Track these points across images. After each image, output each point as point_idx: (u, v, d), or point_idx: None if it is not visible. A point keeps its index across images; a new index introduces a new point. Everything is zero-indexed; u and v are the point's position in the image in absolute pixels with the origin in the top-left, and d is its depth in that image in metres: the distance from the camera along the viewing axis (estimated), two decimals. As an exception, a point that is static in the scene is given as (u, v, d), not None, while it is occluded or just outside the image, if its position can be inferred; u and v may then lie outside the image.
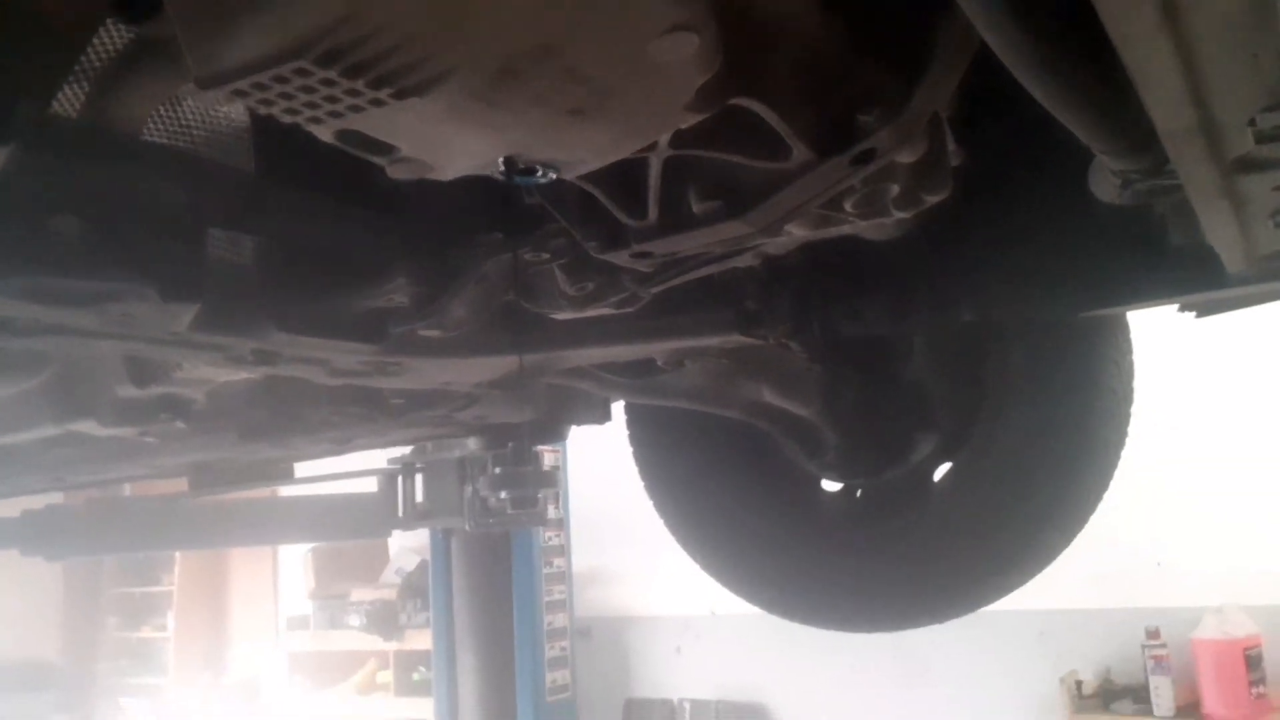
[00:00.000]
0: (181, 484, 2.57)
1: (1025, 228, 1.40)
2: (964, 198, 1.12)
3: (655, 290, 1.21)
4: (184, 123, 1.15)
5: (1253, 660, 4.33)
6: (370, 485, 3.19)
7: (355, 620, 6.76)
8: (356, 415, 1.85)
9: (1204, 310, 1.45)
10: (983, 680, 5.15)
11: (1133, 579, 4.78)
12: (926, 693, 5.28)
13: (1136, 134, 0.85)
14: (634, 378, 1.68)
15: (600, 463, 5.37)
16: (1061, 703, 4.74)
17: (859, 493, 1.98)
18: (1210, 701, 4.37)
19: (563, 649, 5.35)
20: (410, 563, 6.69)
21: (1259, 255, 1.09)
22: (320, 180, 1.15)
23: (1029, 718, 4.97)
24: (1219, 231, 1.04)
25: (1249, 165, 0.83)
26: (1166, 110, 0.74)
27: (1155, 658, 4.55)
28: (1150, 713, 4.52)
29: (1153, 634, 4.57)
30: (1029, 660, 5.00)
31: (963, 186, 1.10)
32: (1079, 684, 4.80)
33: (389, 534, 3.58)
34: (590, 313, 1.25)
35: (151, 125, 1.12)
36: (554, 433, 2.27)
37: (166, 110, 1.13)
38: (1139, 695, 4.59)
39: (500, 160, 0.76)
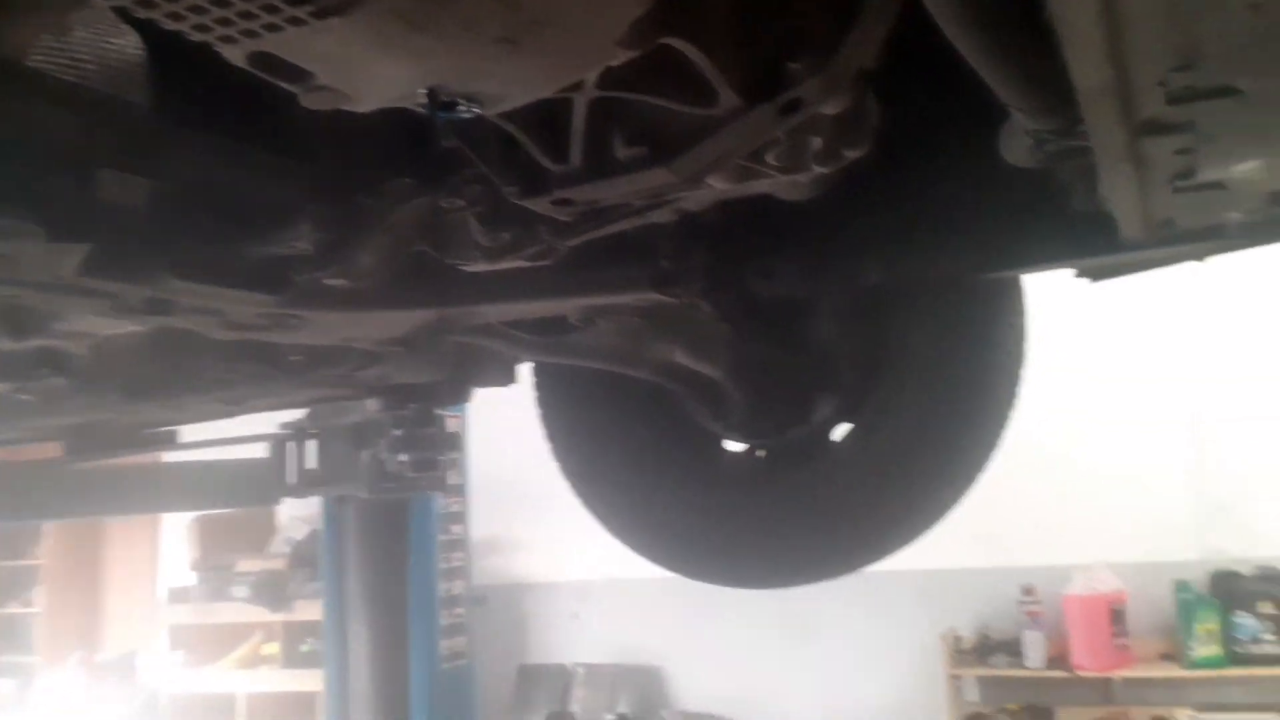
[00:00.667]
0: (55, 448, 2.43)
1: (933, 190, 1.43)
2: (875, 158, 1.14)
3: (572, 243, 1.18)
4: (73, 55, 1.07)
5: (1117, 614, 4.62)
6: (261, 451, 3.08)
7: (241, 591, 6.56)
8: (251, 373, 1.77)
9: (1098, 275, 1.51)
10: (867, 637, 5.35)
11: (1010, 539, 5.02)
12: (814, 650, 5.46)
13: (1054, 93, 0.87)
14: (545, 336, 1.66)
15: (500, 429, 5.34)
16: (941, 657, 4.96)
17: (761, 453, 2.01)
18: (1078, 653, 4.65)
19: (459, 616, 5.31)
20: (300, 532, 6.53)
21: (1155, 220, 1.13)
22: (219, 121, 1.09)
23: (911, 672, 5.19)
24: (1120, 195, 1.07)
25: (1155, 128, 0.86)
26: (1086, 66, 0.75)
27: (1030, 613, 4.81)
28: (1023, 665, 4.78)
29: (1028, 590, 4.82)
30: (911, 618, 5.21)
31: (875, 146, 1.11)
32: (958, 639, 5.03)
33: (279, 501, 3.47)
34: (504, 265, 1.22)
35: (37, 58, 1.03)
36: (458, 394, 2.23)
37: (54, 40, 1.05)
38: (1013, 649, 4.85)
39: (423, 91, 0.73)
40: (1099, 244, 1.28)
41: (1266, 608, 4.42)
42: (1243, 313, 4.71)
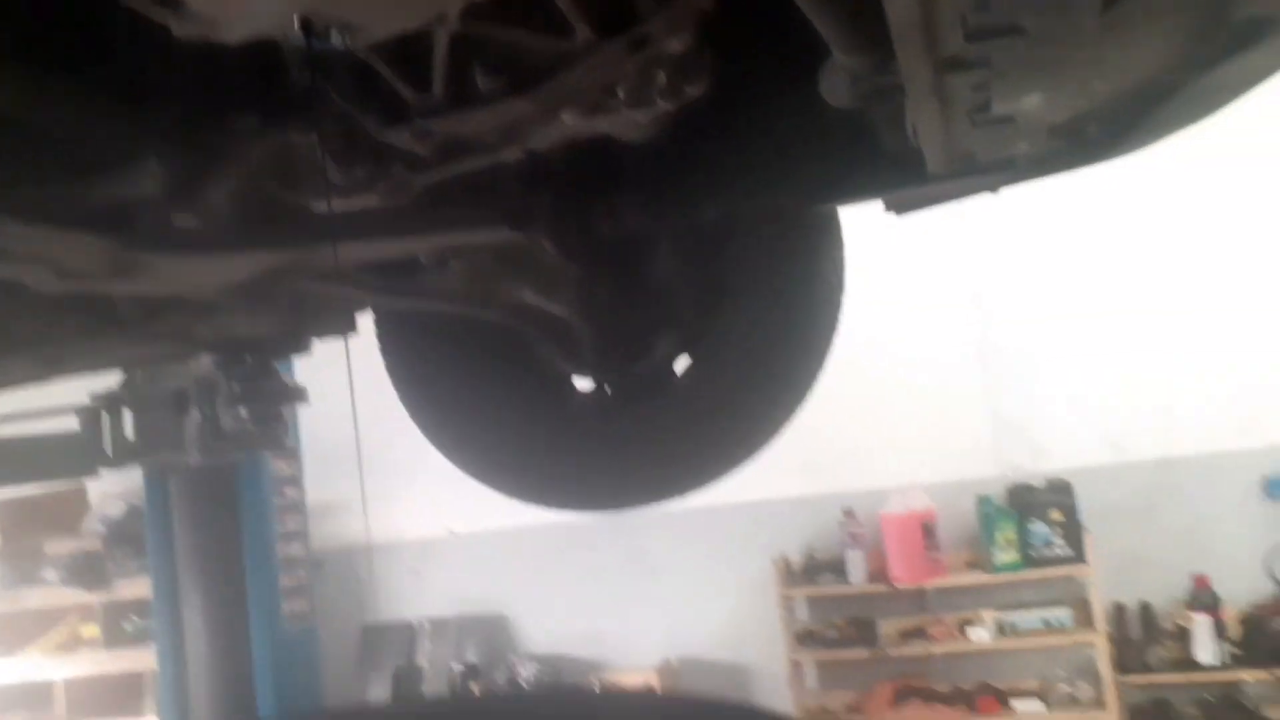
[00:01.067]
0: None
1: (761, 130, 1.53)
2: (708, 99, 1.22)
3: (426, 180, 1.21)
4: None
5: (928, 530, 5.03)
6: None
7: (52, 575, 6.18)
8: (76, 328, 1.70)
9: (903, 208, 1.66)
10: (704, 568, 5.61)
11: (830, 467, 5.35)
12: (655, 585, 5.67)
13: (869, 33, 0.97)
14: (395, 279, 1.67)
15: (330, 391, 5.20)
16: (773, 581, 5.28)
17: (609, 388, 2.09)
18: (896, 568, 5.04)
19: (300, 579, 5.20)
20: (117, 509, 6.17)
21: (957, 152, 1.27)
22: (47, 61, 1.04)
23: (746, 597, 5.49)
24: (926, 130, 1.20)
25: (956, 64, 0.98)
26: (898, 3, 0.86)
27: (851, 535, 5.17)
28: (847, 582, 5.15)
29: (848, 513, 5.17)
30: (744, 547, 5.49)
31: (710, 90, 1.19)
32: (788, 563, 5.35)
33: (96, 474, 3.30)
34: (357, 202, 1.23)
35: None
36: (297, 345, 2.19)
37: None
38: (837, 568, 5.21)
39: (296, 19, 0.75)
40: (909, 177, 1.42)
41: (1056, 515, 4.92)
42: (1025, 247, 5.17)
